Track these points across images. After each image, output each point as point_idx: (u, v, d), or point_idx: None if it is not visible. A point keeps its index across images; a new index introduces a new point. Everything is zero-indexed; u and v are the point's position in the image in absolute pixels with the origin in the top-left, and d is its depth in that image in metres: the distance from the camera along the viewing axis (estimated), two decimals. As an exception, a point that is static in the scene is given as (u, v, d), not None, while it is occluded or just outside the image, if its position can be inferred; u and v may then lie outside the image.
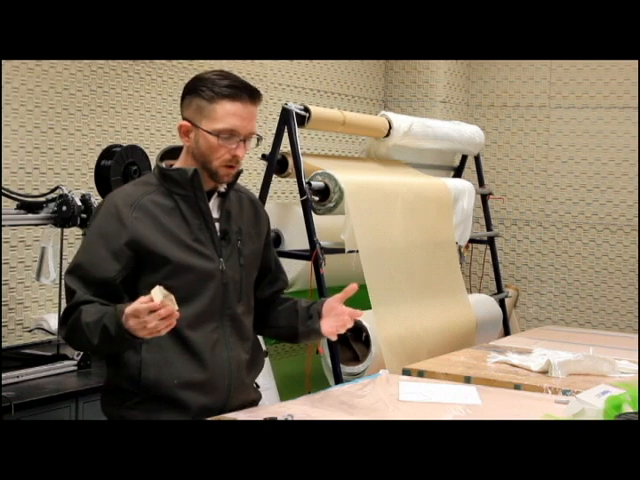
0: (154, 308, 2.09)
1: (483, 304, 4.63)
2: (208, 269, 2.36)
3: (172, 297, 2.13)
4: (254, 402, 2.53)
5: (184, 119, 2.37)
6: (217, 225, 2.40)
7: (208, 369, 2.36)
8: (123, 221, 2.30)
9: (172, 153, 2.45)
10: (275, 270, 2.65)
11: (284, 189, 4.91)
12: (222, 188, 2.43)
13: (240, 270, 2.43)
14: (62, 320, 2.35)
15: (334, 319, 2.45)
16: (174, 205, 2.36)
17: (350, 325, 2.46)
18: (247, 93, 2.33)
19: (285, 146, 3.82)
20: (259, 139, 2.40)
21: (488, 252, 5.09)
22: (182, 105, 2.39)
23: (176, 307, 2.12)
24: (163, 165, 2.41)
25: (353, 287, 2.43)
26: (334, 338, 2.50)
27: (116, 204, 2.34)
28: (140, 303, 2.11)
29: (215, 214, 2.41)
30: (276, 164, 3.89)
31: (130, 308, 2.13)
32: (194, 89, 2.34)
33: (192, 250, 2.35)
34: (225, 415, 2.34)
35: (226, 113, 2.30)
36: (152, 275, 2.32)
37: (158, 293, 2.11)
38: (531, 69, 5.97)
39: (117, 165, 3.42)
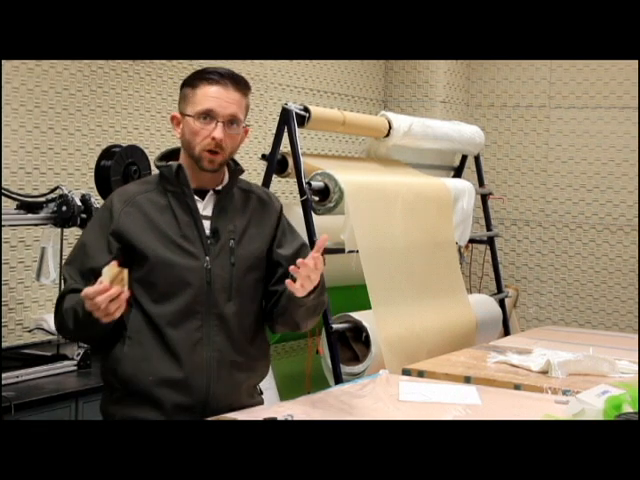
0: (102, 291, 2.12)
1: (483, 304, 4.63)
2: (189, 266, 2.35)
3: (124, 275, 2.14)
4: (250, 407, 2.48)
5: (179, 112, 2.41)
6: (208, 223, 2.39)
7: (185, 368, 2.33)
8: (112, 214, 2.36)
9: (174, 154, 2.46)
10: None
11: (284, 189, 4.91)
12: (219, 186, 2.42)
13: (230, 269, 2.39)
14: (55, 310, 2.42)
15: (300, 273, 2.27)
16: (167, 203, 2.38)
17: (313, 275, 2.26)
18: (229, 79, 2.35)
19: (285, 146, 3.82)
20: (247, 127, 2.40)
21: (488, 252, 5.10)
22: (178, 98, 2.44)
23: (126, 287, 2.14)
24: (163, 163, 2.42)
25: (324, 238, 2.29)
26: (299, 293, 2.29)
27: (112, 199, 2.40)
28: (95, 294, 2.14)
29: (208, 211, 2.40)
30: (276, 164, 3.89)
31: (83, 292, 2.17)
32: (185, 81, 2.40)
33: (177, 247, 2.35)
34: (225, 415, 2.34)
35: (204, 95, 2.33)
36: (138, 270, 2.34)
37: (106, 273, 2.13)
38: (531, 69, 5.97)
39: (117, 165, 3.42)
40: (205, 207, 2.40)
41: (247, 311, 2.45)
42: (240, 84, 2.37)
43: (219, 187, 2.42)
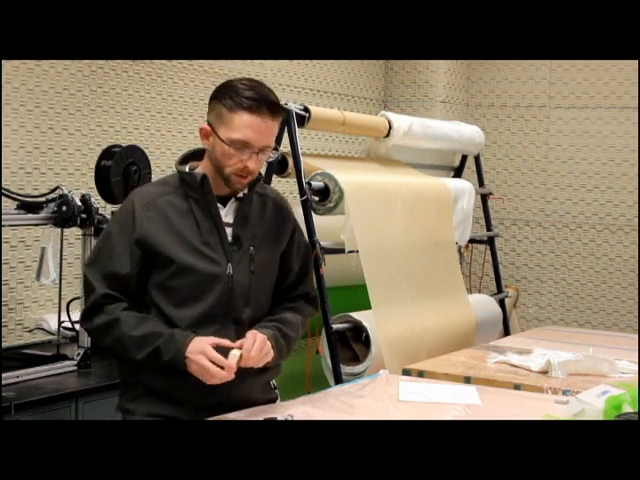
0: (227, 379, 2.26)
1: (483, 304, 4.63)
2: (213, 272, 2.37)
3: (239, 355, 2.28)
4: (270, 402, 2.54)
5: (208, 122, 2.39)
6: (230, 230, 2.41)
7: None
8: (135, 219, 2.36)
9: (198, 154, 2.47)
10: (298, 277, 2.58)
11: (284, 189, 4.91)
12: (241, 193, 2.44)
13: (250, 276, 2.43)
14: (87, 314, 2.40)
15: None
16: (188, 208, 2.39)
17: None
18: (267, 107, 2.32)
19: (285, 146, 3.82)
20: (276, 149, 2.40)
21: (488, 252, 5.09)
22: (208, 107, 2.41)
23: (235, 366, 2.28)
24: (185, 169, 2.43)
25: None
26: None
27: (133, 201, 2.40)
28: (215, 362, 2.25)
29: (230, 219, 2.42)
30: (276, 164, 3.89)
31: (204, 363, 2.24)
32: (219, 95, 2.36)
33: (199, 253, 2.37)
34: (225, 415, 2.34)
35: (242, 124, 2.31)
36: (158, 275, 2.37)
37: (235, 356, 2.26)
38: (531, 69, 5.97)
39: (117, 165, 3.42)
40: (227, 214, 2.42)
41: (261, 315, 2.50)
42: (277, 113, 2.35)
43: (240, 194, 2.44)
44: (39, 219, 3.27)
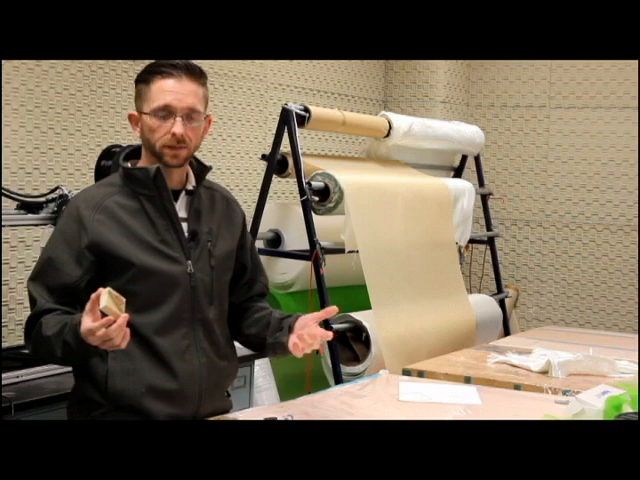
0: (107, 324, 1.99)
1: (483, 304, 4.63)
2: (174, 272, 2.26)
3: (122, 299, 2.03)
4: (225, 411, 2.43)
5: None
6: (185, 225, 2.31)
7: (178, 377, 2.26)
8: (84, 224, 2.23)
9: (137, 153, 2.39)
10: (252, 272, 2.52)
11: (284, 189, 4.91)
12: (190, 186, 2.35)
13: (210, 272, 2.33)
14: (26, 333, 2.26)
15: (303, 338, 2.28)
16: (139, 206, 2.27)
17: (317, 347, 2.30)
18: (183, 70, 2.27)
19: (285, 146, 3.83)
20: (206, 117, 2.32)
21: (488, 252, 5.10)
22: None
23: (123, 313, 2.01)
24: (128, 165, 2.34)
25: (333, 309, 2.33)
26: (299, 355, 2.29)
27: (78, 206, 2.27)
28: (91, 321, 2.01)
29: (183, 214, 2.31)
30: (276, 164, 3.89)
31: (84, 328, 2.02)
32: (137, 78, 2.33)
33: (158, 252, 2.25)
34: (225, 415, 2.34)
35: (159, 90, 2.25)
36: (116, 279, 2.22)
37: (106, 298, 1.99)
38: (531, 69, 5.97)
39: (117, 165, 3.41)
40: (179, 209, 2.32)
41: (224, 314, 2.42)
42: (195, 74, 2.29)
43: (190, 187, 2.35)
44: (39, 219, 3.26)
